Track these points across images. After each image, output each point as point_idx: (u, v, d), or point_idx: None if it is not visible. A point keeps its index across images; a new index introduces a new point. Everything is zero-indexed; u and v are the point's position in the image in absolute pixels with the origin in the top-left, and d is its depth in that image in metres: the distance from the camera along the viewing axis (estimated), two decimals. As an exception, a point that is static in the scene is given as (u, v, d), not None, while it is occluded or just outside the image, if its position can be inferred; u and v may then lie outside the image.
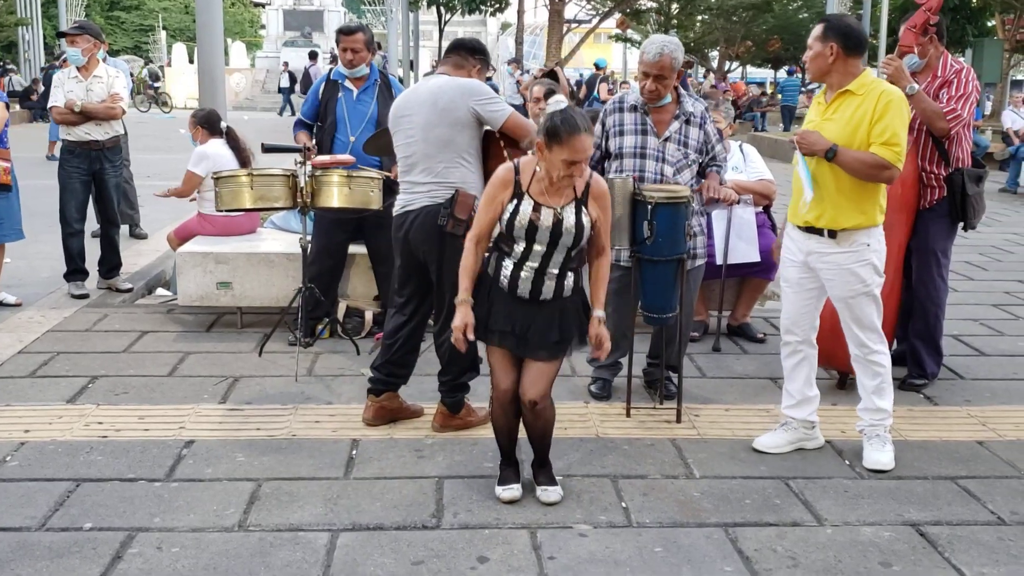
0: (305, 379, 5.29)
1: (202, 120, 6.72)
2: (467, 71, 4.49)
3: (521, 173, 3.69)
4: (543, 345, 3.73)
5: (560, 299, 3.73)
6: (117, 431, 4.50)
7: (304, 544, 3.50)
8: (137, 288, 7.27)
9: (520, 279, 3.68)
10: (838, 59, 4.08)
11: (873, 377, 4.26)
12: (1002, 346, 6.20)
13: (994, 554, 3.52)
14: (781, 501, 3.93)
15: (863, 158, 4.01)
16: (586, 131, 3.51)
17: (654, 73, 4.66)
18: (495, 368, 3.84)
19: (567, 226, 3.63)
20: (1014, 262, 9.17)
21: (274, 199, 5.30)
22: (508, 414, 3.88)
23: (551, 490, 3.88)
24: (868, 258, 4.13)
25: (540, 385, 3.77)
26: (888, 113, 3.98)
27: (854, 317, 4.18)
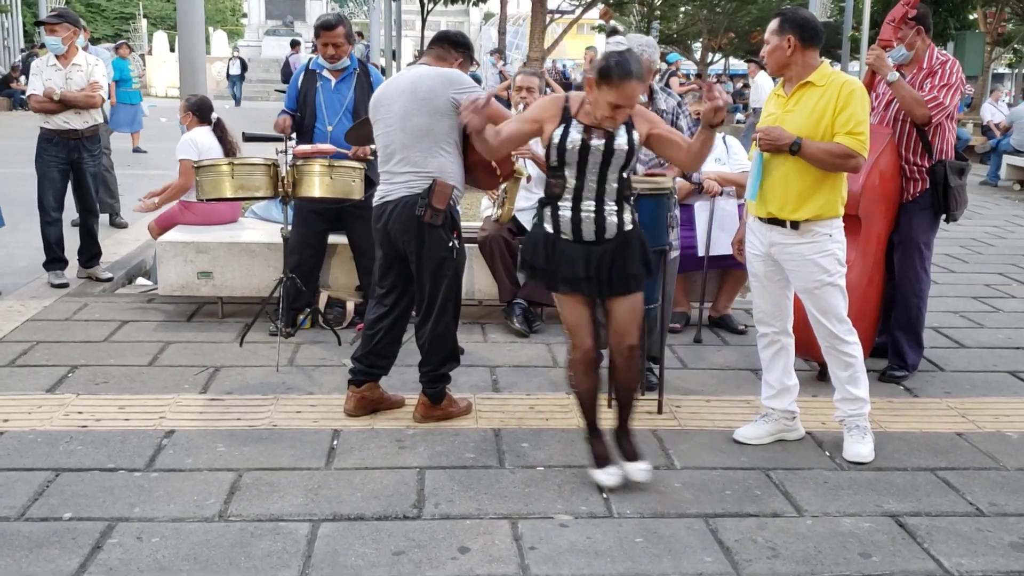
0: (286, 369, 5.27)
1: (194, 106, 6.65)
2: (449, 63, 4.47)
3: (571, 101, 3.74)
4: (625, 278, 3.76)
5: (623, 234, 3.75)
6: (97, 421, 4.47)
7: (285, 534, 3.49)
8: (117, 277, 7.23)
9: (583, 221, 3.70)
10: (796, 51, 4.07)
11: (845, 368, 4.27)
12: (982, 338, 6.24)
13: (972, 545, 3.54)
14: (761, 492, 3.94)
15: (829, 148, 4.02)
16: (637, 78, 3.57)
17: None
18: (575, 327, 3.84)
19: (619, 142, 3.66)
20: (994, 255, 9.23)
21: (255, 188, 5.26)
22: (593, 374, 3.91)
23: (643, 466, 3.90)
24: (830, 248, 4.13)
25: (634, 327, 3.83)
26: (851, 103, 3.99)
27: (820, 308, 4.18)
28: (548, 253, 3.76)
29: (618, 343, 3.85)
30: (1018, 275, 8.30)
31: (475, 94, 4.20)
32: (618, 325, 3.82)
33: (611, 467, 3.89)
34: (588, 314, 3.81)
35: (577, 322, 3.83)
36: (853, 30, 22.72)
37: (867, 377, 4.32)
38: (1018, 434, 4.61)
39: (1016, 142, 14.31)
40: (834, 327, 4.20)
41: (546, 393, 4.98)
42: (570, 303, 3.81)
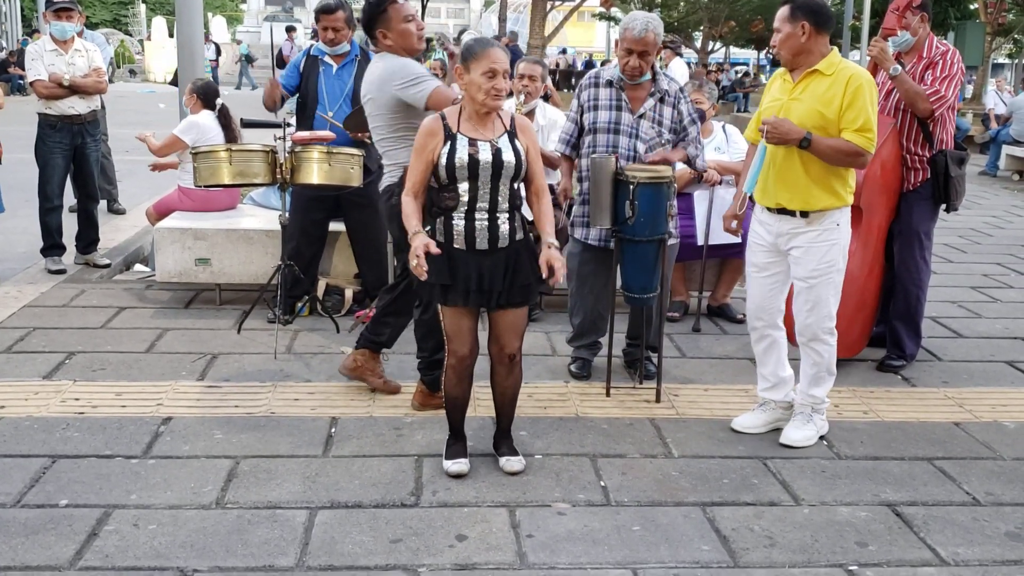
0: (284, 357, 5.27)
1: (199, 90, 6.61)
2: (382, 45, 4.48)
3: (448, 118, 3.73)
4: (519, 288, 3.75)
5: (515, 242, 3.74)
6: (94, 407, 4.46)
7: (282, 522, 3.49)
8: (115, 264, 7.21)
9: (476, 230, 3.68)
10: (811, 37, 4.04)
11: (812, 366, 4.26)
12: (980, 328, 6.24)
13: (968, 534, 3.54)
14: (759, 481, 3.94)
15: (837, 145, 3.99)
16: (499, 47, 3.63)
17: (638, 50, 4.64)
18: (455, 334, 3.79)
19: (507, 156, 3.66)
20: (992, 245, 9.22)
21: (253, 175, 5.24)
22: (465, 382, 3.87)
23: (515, 460, 3.92)
24: (837, 238, 4.13)
25: (516, 337, 3.82)
26: (859, 99, 3.96)
27: (815, 299, 4.14)
28: (442, 263, 3.65)
29: (498, 352, 3.83)
30: (1016, 265, 8.29)
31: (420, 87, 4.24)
32: (500, 335, 3.81)
33: (460, 458, 3.89)
34: (470, 323, 3.78)
35: (457, 330, 3.78)
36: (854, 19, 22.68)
37: (832, 379, 4.31)
38: (1015, 424, 4.61)
39: (1016, 132, 14.29)
40: (821, 322, 4.17)
41: (544, 381, 4.98)
42: (453, 312, 3.76)
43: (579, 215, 4.90)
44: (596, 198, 4.57)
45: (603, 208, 4.55)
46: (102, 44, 8.05)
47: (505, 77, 3.64)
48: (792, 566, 3.31)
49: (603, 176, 4.53)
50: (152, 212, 6.77)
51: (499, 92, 3.63)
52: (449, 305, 3.75)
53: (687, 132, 4.80)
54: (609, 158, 4.56)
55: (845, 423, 4.56)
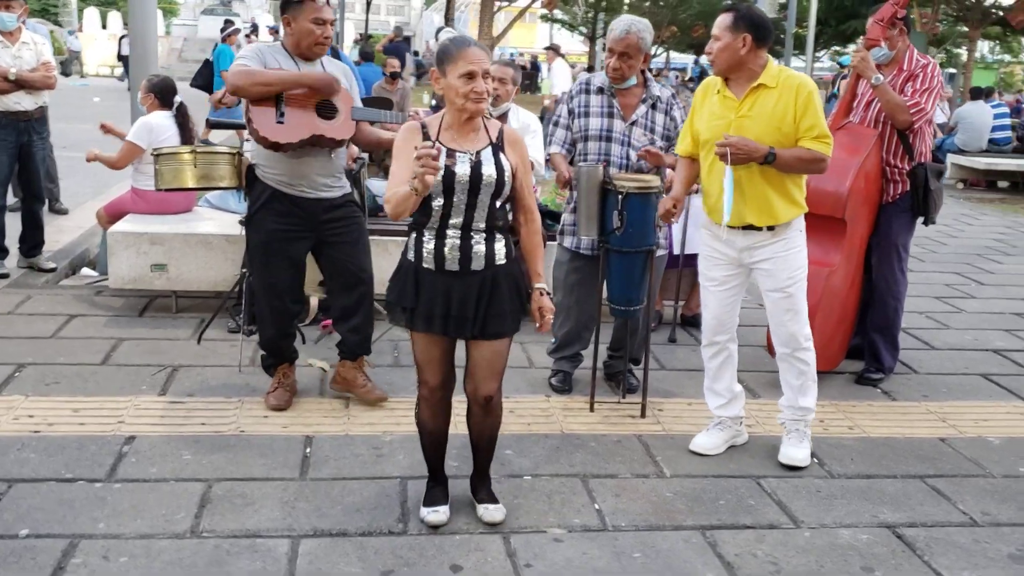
0: (249, 370, 5.02)
1: (156, 88, 6.27)
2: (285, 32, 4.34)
3: (428, 126, 3.37)
4: (494, 317, 3.35)
5: (493, 267, 3.35)
6: (50, 425, 4.19)
7: (264, 552, 3.28)
8: (61, 268, 6.87)
9: (446, 248, 3.30)
10: (750, 51, 3.91)
11: (798, 376, 4.16)
12: (950, 339, 6.24)
13: (972, 557, 3.47)
14: (755, 502, 3.83)
15: (801, 155, 3.91)
16: (477, 45, 3.29)
17: (619, 51, 4.52)
18: (424, 363, 3.43)
19: (486, 170, 3.27)
20: (949, 254, 9.30)
21: (218, 179, 5.02)
22: (439, 417, 3.52)
23: (494, 508, 3.57)
24: (800, 243, 4.06)
25: (494, 377, 3.43)
26: (811, 106, 3.89)
27: (792, 308, 4.05)
28: (408, 284, 3.36)
29: (474, 391, 3.44)
30: (974, 275, 8.35)
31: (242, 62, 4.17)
32: (477, 371, 3.42)
33: (439, 505, 3.56)
34: (441, 351, 3.42)
35: (427, 359, 3.43)
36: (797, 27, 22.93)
37: (815, 387, 4.22)
38: (999, 439, 4.58)
39: (960, 141, 14.52)
40: (801, 328, 4.08)
41: (525, 396, 4.82)
42: (423, 338, 3.40)
43: (568, 223, 4.75)
44: (583, 207, 4.43)
45: (591, 218, 4.41)
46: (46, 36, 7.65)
47: (487, 78, 3.29)
48: (801, 594, 3.21)
49: (590, 185, 4.39)
50: (103, 214, 6.46)
51: (480, 95, 3.26)
52: (415, 330, 3.40)
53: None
54: (597, 167, 4.42)
55: (832, 439, 4.48)
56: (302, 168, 4.25)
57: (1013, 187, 14.78)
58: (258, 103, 4.14)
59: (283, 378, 4.56)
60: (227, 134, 11.28)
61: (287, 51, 4.30)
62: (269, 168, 4.28)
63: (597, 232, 4.43)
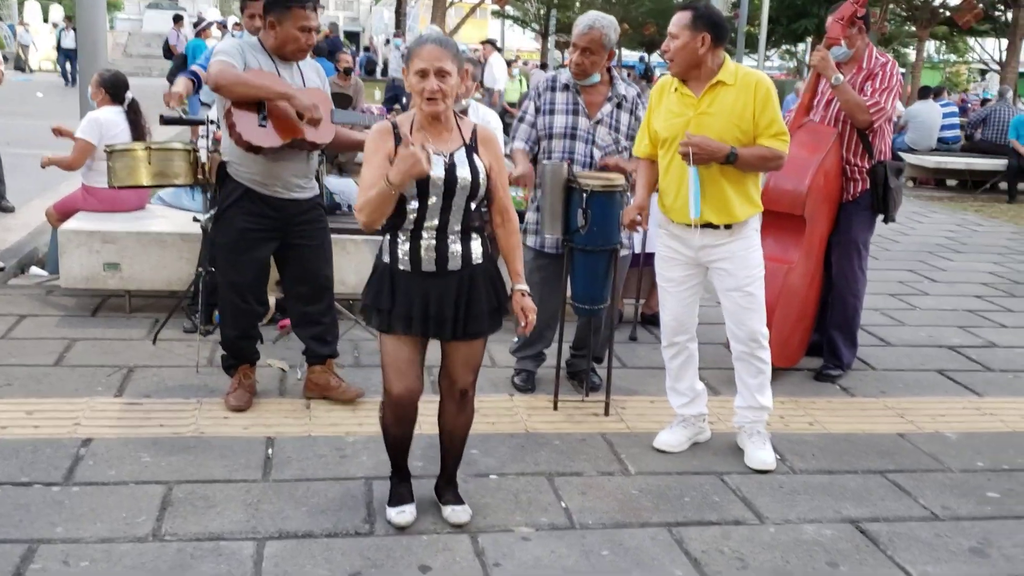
0: (207, 370, 4.94)
1: (107, 83, 6.10)
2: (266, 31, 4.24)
3: (400, 126, 3.31)
4: (474, 317, 3.33)
5: (470, 267, 3.33)
6: (3, 428, 4.09)
7: (228, 555, 3.23)
8: (9, 267, 6.71)
9: (422, 249, 3.26)
10: (709, 50, 3.91)
11: (756, 375, 4.16)
12: (905, 336, 6.32)
13: (934, 551, 3.51)
14: (719, 498, 3.85)
15: (761, 153, 3.93)
16: (436, 43, 3.20)
17: (581, 46, 4.51)
18: (392, 368, 3.32)
19: (461, 172, 3.23)
20: (901, 251, 9.44)
21: (174, 175, 4.95)
22: (405, 422, 3.42)
23: (460, 509, 3.54)
24: (756, 241, 4.08)
25: (470, 371, 3.41)
26: (769, 104, 3.91)
27: (751, 306, 4.05)
28: (384, 287, 3.31)
29: (449, 387, 3.45)
30: (927, 272, 8.49)
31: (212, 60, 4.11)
32: (453, 368, 3.41)
33: (405, 505, 3.52)
34: (411, 355, 3.33)
35: (395, 362, 3.32)
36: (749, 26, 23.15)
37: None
38: (956, 435, 4.64)
39: (911, 140, 14.73)
40: (761, 327, 4.09)
41: (488, 395, 4.79)
42: (394, 341, 3.31)
43: (532, 222, 4.73)
44: (547, 206, 4.41)
45: (555, 216, 4.40)
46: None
47: (441, 76, 3.16)
48: (768, 590, 3.22)
49: (555, 183, 4.37)
50: (53, 212, 6.31)
51: (431, 94, 3.20)
52: (389, 333, 3.32)
53: None
54: (561, 164, 4.41)
55: (793, 435, 4.52)
56: (278, 169, 4.19)
57: (961, 185, 15.05)
58: (240, 105, 4.07)
59: (243, 379, 4.49)
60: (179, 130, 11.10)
61: (265, 49, 4.21)
62: (243, 167, 4.20)
63: (561, 231, 4.42)
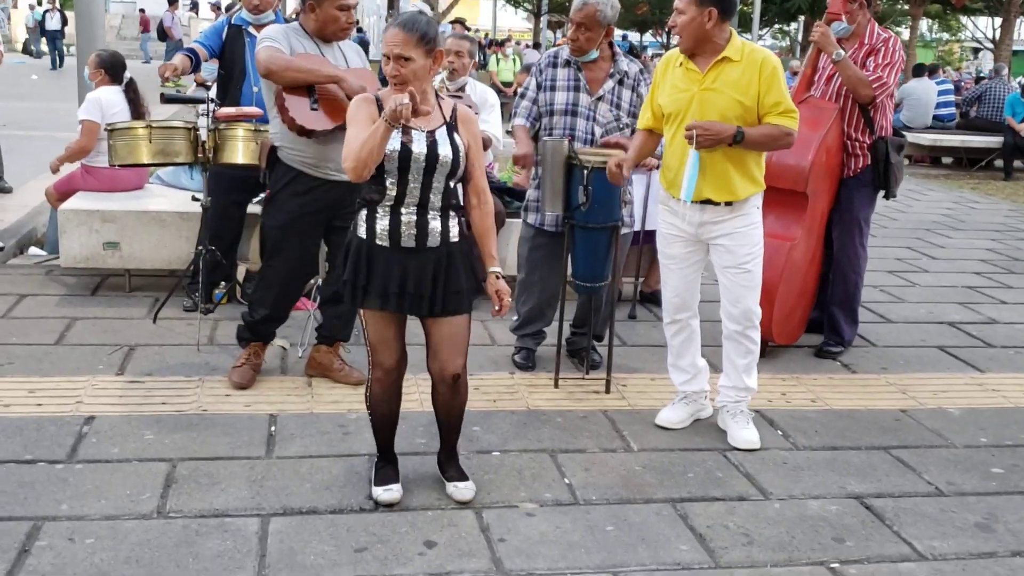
0: (207, 348, 4.94)
1: (105, 63, 6.05)
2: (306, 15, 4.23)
3: (383, 100, 3.29)
4: (452, 295, 3.33)
5: (448, 244, 3.33)
6: (6, 407, 4.08)
7: (233, 531, 3.23)
8: (8, 247, 6.69)
9: (402, 224, 3.26)
10: (716, 25, 3.84)
11: (745, 355, 4.13)
12: (905, 312, 6.33)
13: (940, 526, 3.52)
14: (723, 474, 3.85)
15: (769, 132, 3.87)
16: (400, 27, 3.18)
17: (576, 21, 4.49)
18: (378, 343, 3.37)
19: (442, 149, 3.25)
20: (898, 229, 9.44)
21: (174, 154, 4.90)
22: (393, 399, 3.47)
23: (464, 486, 3.53)
24: (757, 219, 4.03)
25: (459, 354, 3.40)
26: (775, 82, 3.85)
27: (748, 285, 4.02)
28: (359, 261, 3.31)
29: (440, 371, 3.40)
30: (925, 249, 8.49)
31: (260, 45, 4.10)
32: (441, 350, 3.38)
33: (392, 484, 3.50)
34: (395, 331, 3.38)
35: (380, 339, 3.37)
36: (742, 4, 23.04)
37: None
38: (959, 410, 4.65)
39: (906, 118, 14.71)
40: (753, 306, 4.05)
41: (489, 373, 4.79)
42: (376, 317, 3.34)
43: (532, 199, 4.71)
44: (548, 183, 4.40)
45: (556, 193, 4.38)
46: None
47: (400, 61, 3.15)
48: (773, 565, 3.22)
49: (555, 160, 4.35)
50: (53, 192, 6.29)
51: (391, 79, 3.21)
52: (367, 307, 3.34)
53: None
54: (562, 141, 4.39)
55: (796, 412, 4.52)
56: (329, 151, 4.13)
57: (957, 163, 15.04)
58: (291, 89, 4.08)
59: (252, 356, 4.48)
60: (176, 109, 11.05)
61: (307, 33, 4.21)
62: (295, 150, 4.17)
63: (562, 208, 4.40)
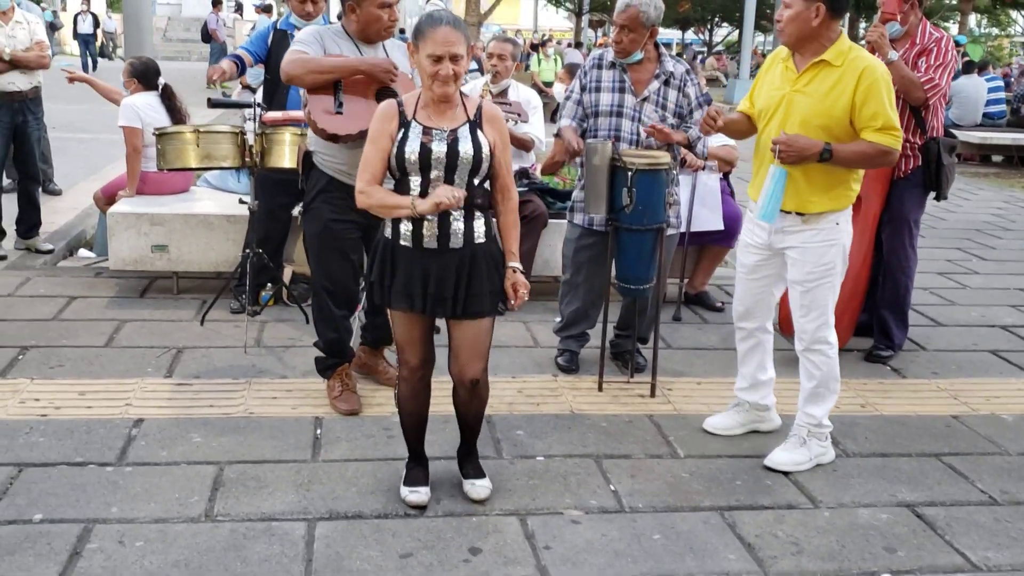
0: (254, 351, 4.97)
1: (138, 72, 6.15)
2: (347, 17, 4.16)
3: (404, 104, 3.29)
4: (473, 297, 3.30)
5: (472, 245, 3.29)
6: (57, 409, 4.13)
7: (280, 536, 3.24)
8: (58, 249, 6.79)
9: (424, 225, 3.24)
10: (823, 22, 3.63)
11: (808, 379, 3.90)
12: (956, 316, 6.22)
13: (994, 536, 3.45)
14: (771, 482, 3.81)
15: (863, 151, 3.62)
16: (450, 24, 3.15)
17: (619, 23, 4.46)
18: (404, 343, 3.40)
19: (463, 147, 3.20)
20: (948, 230, 9.28)
21: (221, 158, 4.94)
22: (420, 398, 3.48)
23: (480, 484, 3.54)
24: (836, 238, 3.77)
25: (478, 358, 3.37)
26: (874, 96, 3.58)
27: (809, 303, 3.81)
28: (384, 262, 3.32)
29: (459, 374, 3.40)
30: (976, 250, 8.34)
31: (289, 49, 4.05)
32: (460, 354, 3.38)
33: (419, 486, 3.51)
34: (422, 331, 3.39)
35: (408, 339, 3.39)
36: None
37: (833, 398, 3.95)
38: (1013, 416, 4.56)
39: (955, 116, 14.44)
40: (818, 329, 3.83)
41: (532, 375, 4.78)
42: (402, 317, 3.36)
43: (579, 200, 4.68)
44: (592, 184, 4.37)
45: (599, 195, 4.35)
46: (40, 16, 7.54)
47: (455, 61, 3.14)
48: (823, 575, 3.18)
49: (599, 162, 4.33)
50: (101, 196, 6.38)
51: (444, 79, 3.17)
52: (394, 308, 3.36)
53: (693, 117, 4.57)
54: (606, 143, 4.36)
55: (845, 417, 4.45)
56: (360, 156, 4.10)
57: (1007, 161, 14.77)
58: (316, 91, 3.97)
59: (344, 378, 4.33)
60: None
61: (348, 35, 4.14)
62: (328, 156, 4.10)
63: (606, 209, 4.37)
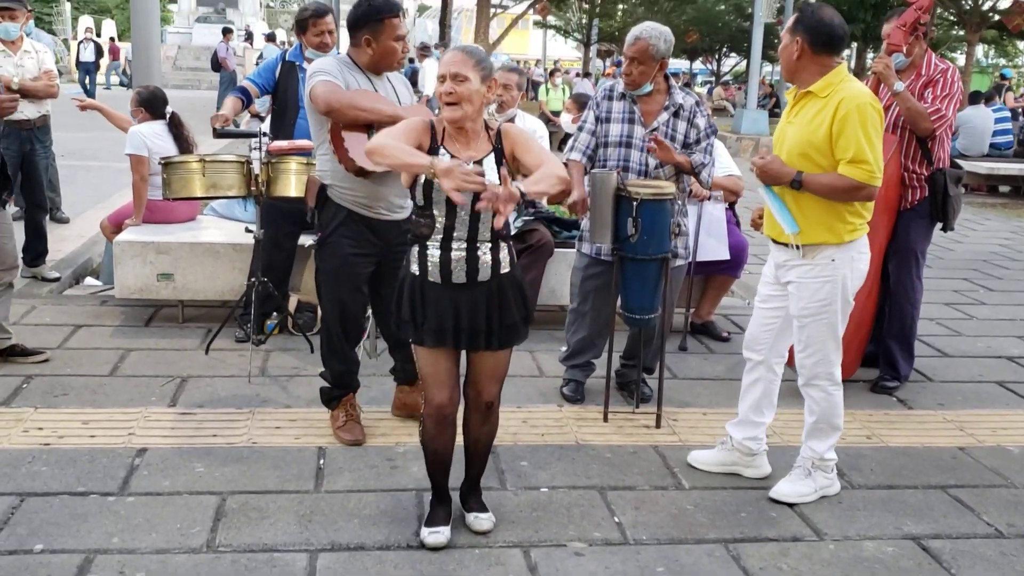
0: (258, 380, 4.97)
1: (145, 101, 6.20)
2: (359, 49, 4.11)
3: (436, 127, 3.29)
4: (506, 328, 3.31)
5: (498, 276, 3.29)
6: (60, 438, 4.13)
7: (282, 567, 3.23)
8: (64, 277, 6.82)
9: (452, 261, 3.22)
10: (804, 55, 3.70)
11: (810, 413, 3.88)
12: (963, 347, 6.19)
13: (1000, 570, 3.42)
14: (777, 514, 3.78)
15: (832, 183, 3.63)
16: (460, 49, 3.22)
17: (629, 56, 4.49)
18: (431, 379, 3.33)
19: (490, 177, 3.14)
20: (955, 260, 9.26)
21: (227, 187, 4.96)
22: (446, 433, 3.41)
23: (483, 517, 3.52)
24: (831, 275, 3.73)
25: (495, 382, 3.41)
26: (847, 128, 3.57)
27: (805, 339, 3.80)
28: (413, 298, 3.29)
29: (475, 398, 3.43)
30: (983, 281, 8.32)
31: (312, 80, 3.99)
32: (478, 379, 3.40)
33: (440, 527, 3.44)
34: (448, 365, 3.33)
35: (434, 373, 3.33)
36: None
37: (836, 435, 3.91)
38: (1019, 448, 4.53)
39: (962, 146, 14.45)
40: (816, 366, 3.81)
41: (536, 405, 4.76)
42: (429, 353, 3.32)
43: (587, 229, 4.67)
44: (597, 214, 4.38)
45: (603, 225, 4.36)
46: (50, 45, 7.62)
47: (456, 80, 3.15)
48: (829, 609, 3.15)
49: (604, 192, 4.34)
50: (107, 225, 6.40)
51: (446, 97, 3.18)
52: (424, 346, 3.31)
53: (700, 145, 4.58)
54: (611, 173, 4.38)
55: (851, 449, 4.42)
56: (382, 190, 4.04)
57: (1015, 191, 14.76)
58: (349, 127, 3.97)
59: (349, 409, 4.32)
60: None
61: (357, 66, 4.11)
62: (348, 189, 4.04)
63: (611, 240, 4.38)
